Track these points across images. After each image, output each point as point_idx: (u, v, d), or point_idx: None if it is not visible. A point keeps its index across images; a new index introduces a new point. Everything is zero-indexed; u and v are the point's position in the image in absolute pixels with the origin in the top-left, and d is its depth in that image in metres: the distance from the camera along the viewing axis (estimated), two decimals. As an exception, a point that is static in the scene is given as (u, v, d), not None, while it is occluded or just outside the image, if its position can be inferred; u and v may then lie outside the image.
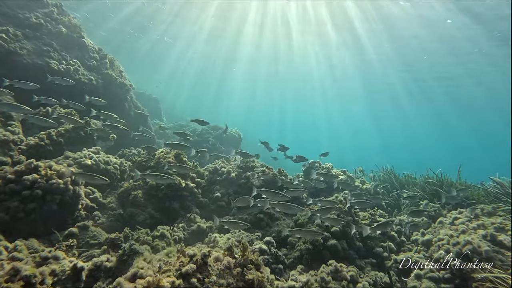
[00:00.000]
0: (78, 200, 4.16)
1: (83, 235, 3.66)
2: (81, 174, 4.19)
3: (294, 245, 4.36)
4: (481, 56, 18.30)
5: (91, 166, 5.12)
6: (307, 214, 4.73)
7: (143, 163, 5.52)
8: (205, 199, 5.59)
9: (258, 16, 17.94)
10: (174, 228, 4.41)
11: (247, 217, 5.06)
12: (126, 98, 9.40)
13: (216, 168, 6.04)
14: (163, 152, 5.61)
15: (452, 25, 15.21)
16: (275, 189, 4.80)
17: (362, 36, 18.35)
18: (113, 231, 4.10)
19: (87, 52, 7.91)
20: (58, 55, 6.67)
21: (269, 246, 4.17)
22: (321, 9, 15.96)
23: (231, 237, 4.36)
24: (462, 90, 25.38)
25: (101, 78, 8.00)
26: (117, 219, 4.49)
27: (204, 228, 4.66)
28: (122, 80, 9.07)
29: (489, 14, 13.55)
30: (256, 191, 4.50)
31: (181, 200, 5.18)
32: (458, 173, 7.01)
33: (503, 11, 12.91)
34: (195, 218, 4.82)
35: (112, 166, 5.59)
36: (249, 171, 5.99)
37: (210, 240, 4.35)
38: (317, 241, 4.15)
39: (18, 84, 5.42)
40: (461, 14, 14.09)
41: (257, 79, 34.74)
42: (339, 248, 4.11)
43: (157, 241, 3.94)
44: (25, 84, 5.42)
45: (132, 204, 4.73)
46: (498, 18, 13.59)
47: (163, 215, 4.91)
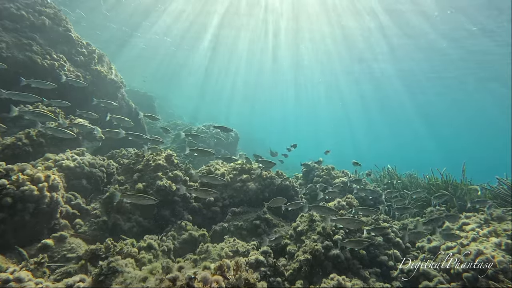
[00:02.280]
0: (57, 208, 3.79)
1: (60, 248, 3.29)
2: (129, 195, 3.80)
3: (294, 254, 4.03)
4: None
5: (73, 169, 4.74)
6: (306, 221, 4.40)
7: (131, 166, 5.14)
8: (198, 204, 5.24)
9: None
10: (163, 238, 4.05)
11: (242, 223, 4.72)
12: (116, 95, 8.97)
13: (210, 170, 5.68)
14: (152, 154, 5.23)
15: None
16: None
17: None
18: (96, 241, 3.74)
19: (74, 46, 7.46)
20: (41, 49, 6.21)
21: (266, 256, 3.83)
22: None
23: (224, 247, 4.02)
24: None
25: (89, 74, 7.57)
26: (101, 228, 4.12)
27: (196, 237, 4.31)
28: (112, 76, 8.64)
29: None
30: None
31: (172, 206, 4.82)
32: (462, 172, 6.70)
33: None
34: (186, 226, 4.46)
35: (98, 169, 5.21)
36: (245, 174, 5.64)
37: (202, 250, 4.00)
38: (317, 250, 3.83)
39: (35, 84, 5.18)
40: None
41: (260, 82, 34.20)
42: (342, 258, 3.79)
43: (143, 253, 3.58)
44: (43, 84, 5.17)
45: (118, 211, 4.36)
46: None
47: (152, 222, 4.55)
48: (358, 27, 17.45)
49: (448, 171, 6.80)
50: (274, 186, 5.48)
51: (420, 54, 20.12)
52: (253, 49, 23.93)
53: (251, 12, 17.54)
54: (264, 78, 33.61)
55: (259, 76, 33.16)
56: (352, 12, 15.77)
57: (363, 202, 5.80)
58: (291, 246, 4.19)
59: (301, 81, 32.29)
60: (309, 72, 28.51)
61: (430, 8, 13.83)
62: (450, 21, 14.72)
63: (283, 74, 30.66)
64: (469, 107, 33.09)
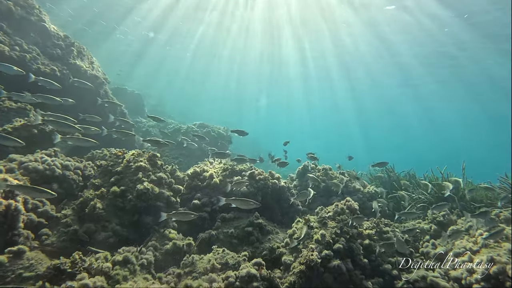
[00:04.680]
0: (17, 217, 3.26)
1: (14, 266, 2.78)
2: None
3: (289, 266, 3.63)
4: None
5: (42, 172, 4.21)
6: (302, 228, 4.01)
7: (109, 168, 4.64)
8: (185, 209, 4.78)
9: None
10: (142, 249, 3.58)
11: (233, 231, 4.28)
12: (99, 92, 8.38)
13: (196, 171, 5.23)
14: (133, 155, 4.74)
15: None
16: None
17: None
18: (65, 254, 3.25)
19: (50, 38, 6.86)
20: (9, 39, 5.61)
21: (259, 269, 3.42)
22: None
23: (212, 259, 3.58)
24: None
25: (67, 69, 6.98)
26: (71, 238, 3.62)
27: (181, 247, 3.86)
28: (94, 72, 8.06)
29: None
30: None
31: (155, 211, 4.34)
32: (462, 171, 6.45)
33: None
34: (169, 234, 4.00)
35: (73, 171, 4.69)
36: (236, 176, 5.21)
37: (187, 263, 3.55)
38: (312, 260, 3.42)
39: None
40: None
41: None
42: (343, 270, 3.41)
43: (117, 268, 3.10)
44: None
45: (92, 219, 3.86)
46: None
47: (131, 231, 4.07)
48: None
49: (448, 170, 6.56)
50: (268, 189, 5.07)
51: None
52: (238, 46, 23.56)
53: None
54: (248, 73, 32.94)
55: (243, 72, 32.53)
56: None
57: (363, 204, 5.45)
58: (286, 256, 3.79)
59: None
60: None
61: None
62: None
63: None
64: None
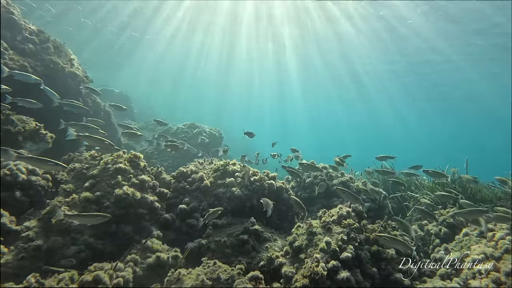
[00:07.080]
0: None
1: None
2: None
3: (291, 278, 3.16)
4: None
5: (2, 178, 3.63)
6: (304, 233, 3.56)
7: (84, 171, 4.08)
8: (171, 215, 4.27)
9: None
10: (119, 265, 3.05)
11: (226, 239, 3.79)
12: (80, 91, 7.77)
13: (182, 172, 4.72)
14: (112, 156, 4.21)
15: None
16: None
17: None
18: (24, 274, 2.71)
19: (20, 33, 6.24)
20: (-31, 30, 5.01)
21: (257, 284, 2.95)
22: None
23: (202, 273, 3.08)
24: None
25: (40, 66, 6.37)
26: (32, 255, 3.06)
27: (165, 260, 3.34)
28: (73, 70, 7.44)
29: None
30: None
31: (136, 220, 3.82)
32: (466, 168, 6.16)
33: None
34: (152, 245, 3.47)
35: (41, 177, 4.11)
36: (229, 177, 4.73)
37: (172, 279, 3.05)
38: (316, 273, 2.97)
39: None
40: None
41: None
42: (352, 282, 2.97)
43: (85, 291, 2.57)
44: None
45: (59, 231, 3.31)
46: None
47: (108, 243, 3.52)
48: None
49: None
50: (264, 190, 4.61)
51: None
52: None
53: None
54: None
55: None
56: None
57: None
58: (287, 267, 3.33)
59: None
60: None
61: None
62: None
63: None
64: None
